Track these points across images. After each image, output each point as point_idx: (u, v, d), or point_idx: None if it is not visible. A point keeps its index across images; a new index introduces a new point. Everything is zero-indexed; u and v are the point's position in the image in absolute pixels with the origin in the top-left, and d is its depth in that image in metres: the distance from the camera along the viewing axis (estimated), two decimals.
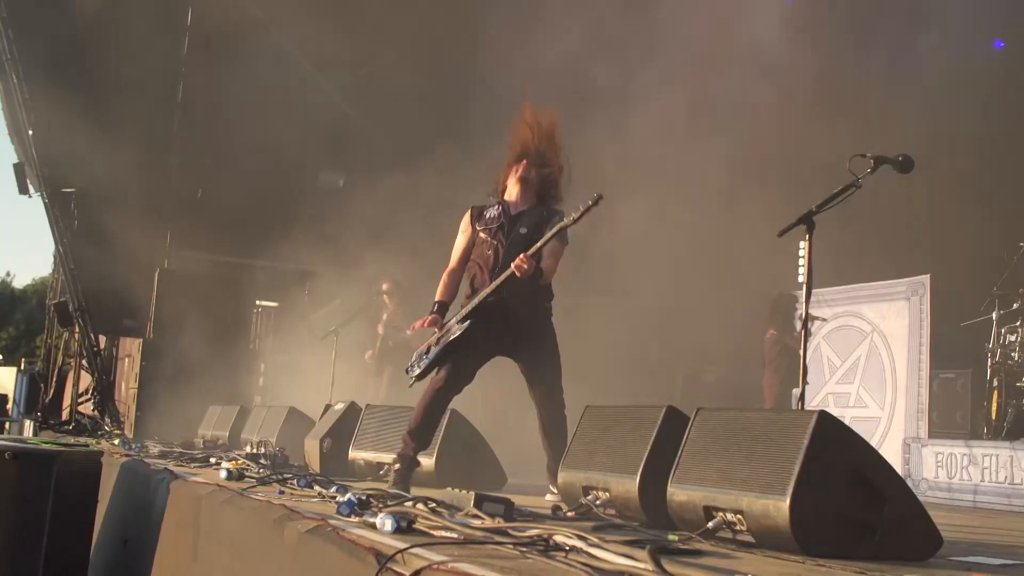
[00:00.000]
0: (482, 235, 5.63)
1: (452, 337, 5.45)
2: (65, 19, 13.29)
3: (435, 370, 5.55)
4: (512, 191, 5.66)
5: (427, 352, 5.60)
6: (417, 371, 5.62)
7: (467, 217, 5.77)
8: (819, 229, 4.68)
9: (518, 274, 5.20)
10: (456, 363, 5.49)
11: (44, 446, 6.00)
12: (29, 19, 13.39)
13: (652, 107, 10.70)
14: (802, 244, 4.82)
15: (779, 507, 3.13)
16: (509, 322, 5.50)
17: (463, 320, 5.46)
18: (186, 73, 14.17)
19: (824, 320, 10.09)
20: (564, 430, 5.57)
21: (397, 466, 5.47)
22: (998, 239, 10.05)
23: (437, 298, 5.70)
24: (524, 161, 5.62)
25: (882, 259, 10.28)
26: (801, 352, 4.56)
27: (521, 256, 5.19)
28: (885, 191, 8.96)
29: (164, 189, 14.32)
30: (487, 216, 5.66)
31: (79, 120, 12.57)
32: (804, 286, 4.71)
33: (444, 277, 5.76)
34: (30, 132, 13.45)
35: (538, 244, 5.26)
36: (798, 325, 9.40)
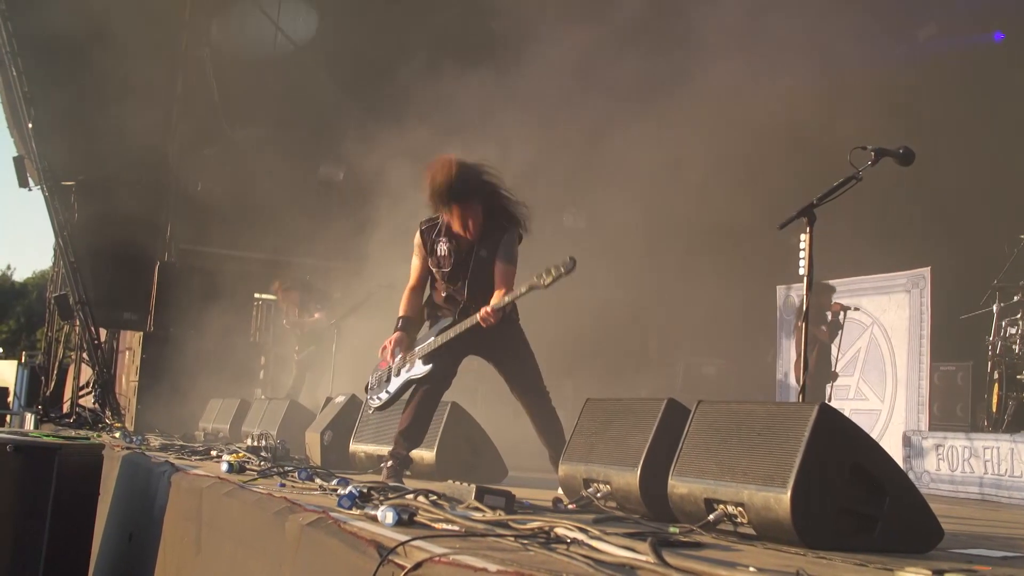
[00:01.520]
0: (436, 273, 5.62)
1: (414, 376, 5.50)
2: (64, 12, 13.27)
3: (398, 399, 5.60)
4: (456, 226, 5.50)
5: (387, 379, 5.64)
6: (377, 403, 5.70)
7: (417, 237, 5.70)
8: (820, 222, 4.68)
9: (483, 325, 5.22)
10: (428, 378, 5.50)
11: (45, 439, 6.00)
12: (28, 12, 13.37)
13: (651, 100, 10.69)
14: (803, 237, 4.82)
15: (780, 499, 3.13)
16: (476, 336, 5.49)
17: (426, 362, 5.48)
18: (185, 65, 14.15)
19: (855, 309, 9.88)
20: (560, 428, 5.61)
21: (390, 463, 5.50)
22: (998, 232, 10.05)
23: (401, 313, 5.68)
24: (455, 206, 5.41)
25: (883, 252, 10.28)
26: (803, 345, 4.56)
27: (486, 310, 5.19)
28: (886, 184, 8.95)
29: (164, 182, 14.31)
30: (439, 253, 5.57)
31: (79, 113, 12.56)
32: (805, 279, 4.71)
33: (406, 293, 5.74)
34: (30, 125, 13.43)
35: (506, 300, 5.22)
36: (829, 316, 9.39)
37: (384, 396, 5.65)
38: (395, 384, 5.58)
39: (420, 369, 5.48)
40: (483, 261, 5.45)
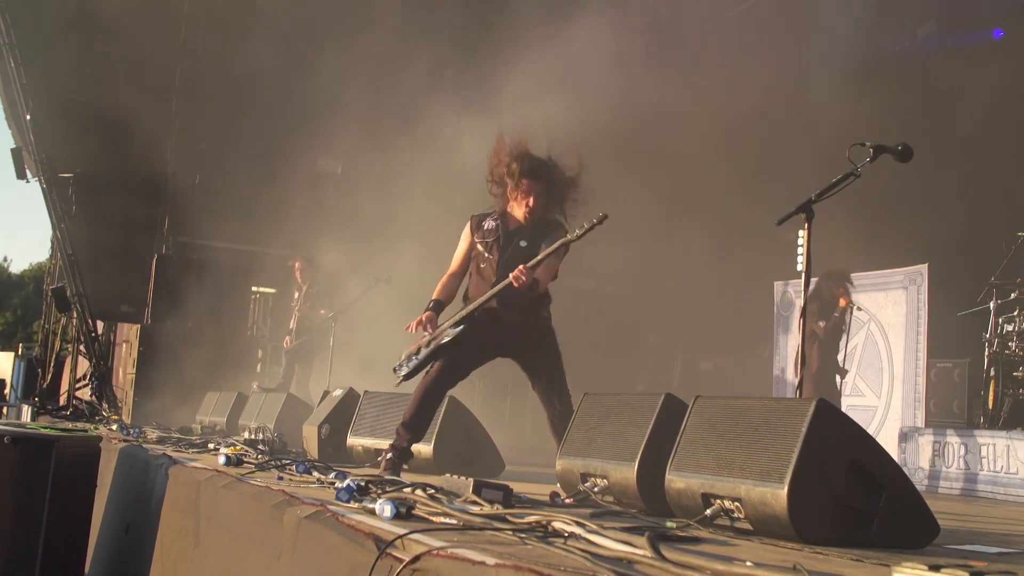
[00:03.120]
0: (479, 247, 5.66)
1: (444, 340, 5.51)
2: (62, 3, 13.25)
3: (424, 370, 5.62)
4: (513, 205, 5.62)
5: (417, 353, 5.65)
6: (405, 371, 5.69)
7: (467, 226, 5.79)
8: (818, 218, 4.69)
9: (515, 284, 5.24)
10: (450, 360, 5.55)
11: (43, 431, 6.00)
12: (26, 3, 13.35)
13: (651, 95, 10.69)
14: (801, 233, 4.83)
15: (777, 495, 3.13)
16: (503, 329, 5.55)
17: (456, 325, 5.51)
18: (184, 58, 14.14)
19: (858, 308, 9.65)
20: None
21: (389, 455, 5.51)
22: (996, 230, 10.06)
23: (434, 296, 5.74)
24: (526, 181, 5.52)
25: (880, 248, 10.29)
26: (800, 340, 4.57)
27: (520, 267, 5.22)
28: (884, 180, 8.97)
29: (162, 175, 14.30)
30: (485, 227, 5.68)
31: (77, 105, 12.54)
32: (803, 275, 4.72)
33: (444, 278, 5.81)
34: (28, 117, 13.41)
35: (538, 257, 5.29)
36: (835, 312, 9.32)
37: (412, 363, 5.65)
38: (424, 353, 5.60)
39: (449, 332, 5.50)
40: (521, 250, 5.47)
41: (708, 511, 3.42)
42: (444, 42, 10.53)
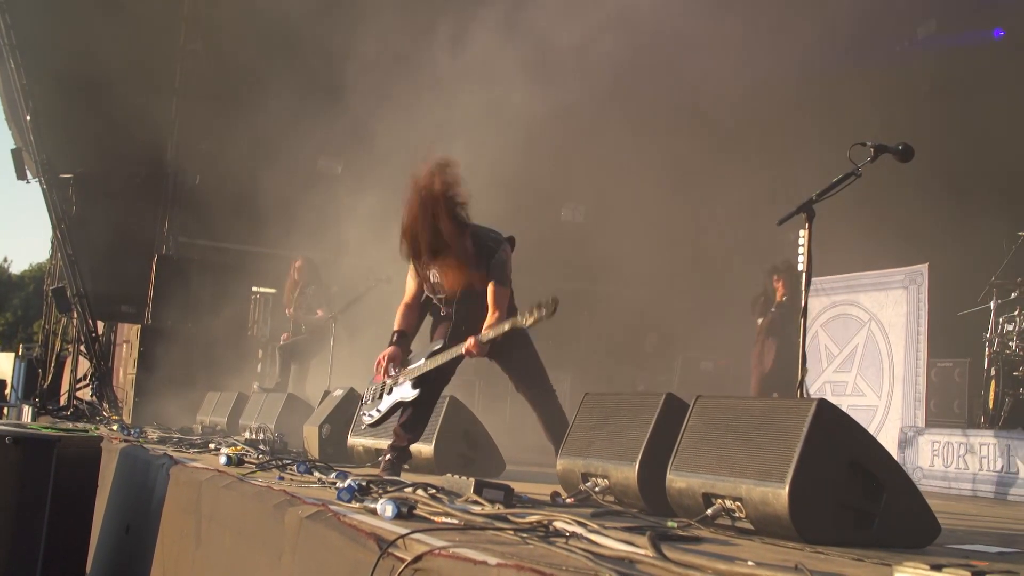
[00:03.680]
0: (429, 295, 5.63)
1: (404, 399, 5.52)
2: (63, 4, 13.24)
3: (387, 419, 5.65)
4: (437, 277, 5.49)
5: (380, 396, 5.68)
6: (370, 420, 5.74)
7: (410, 266, 5.63)
8: (819, 218, 4.70)
9: (467, 357, 5.27)
10: (415, 402, 5.54)
11: (44, 431, 6.00)
12: (26, 4, 13.34)
13: (650, 91, 10.68)
14: (802, 232, 4.83)
15: (778, 494, 3.14)
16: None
17: (415, 386, 5.49)
18: (184, 58, 14.14)
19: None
20: (566, 424, 5.60)
21: (388, 455, 5.52)
22: (997, 229, 10.06)
23: (396, 327, 5.67)
24: (428, 260, 5.33)
25: (881, 248, 10.28)
26: (800, 340, 4.57)
27: (471, 342, 5.19)
28: (885, 180, 8.97)
29: (162, 175, 14.30)
30: (432, 280, 5.54)
31: (77, 106, 12.54)
32: (804, 274, 4.72)
33: (401, 308, 5.72)
34: (28, 118, 13.41)
35: (491, 334, 5.19)
36: (772, 309, 9.36)
37: (375, 414, 5.71)
38: (386, 403, 5.62)
39: (409, 393, 5.51)
40: (475, 291, 5.43)
41: (709, 511, 3.42)
42: (446, 35, 10.52)
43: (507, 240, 5.53)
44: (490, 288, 5.38)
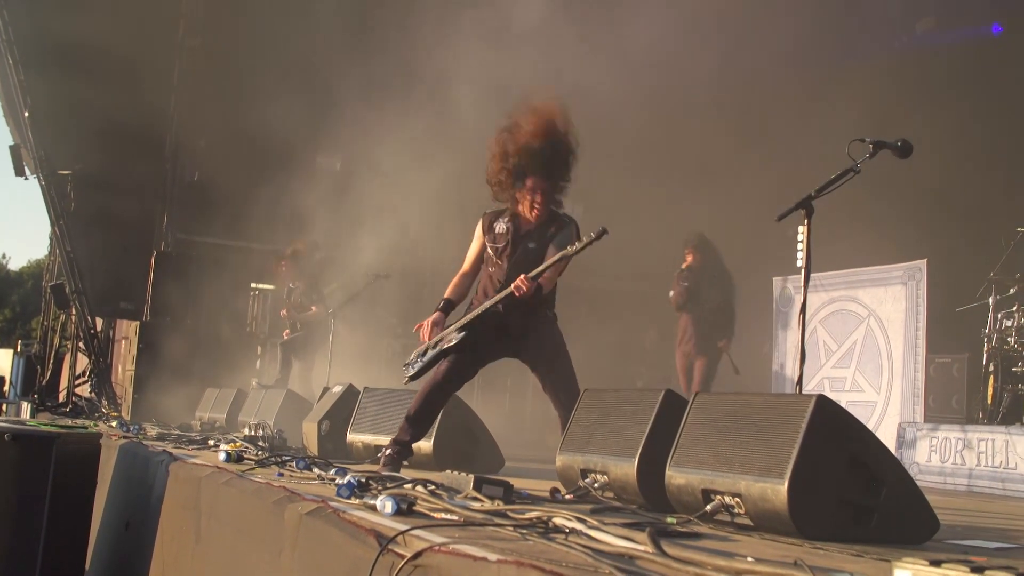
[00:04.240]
0: (489, 251, 5.65)
1: (448, 345, 5.50)
2: (60, 0, 13.22)
3: (429, 372, 5.62)
4: (522, 204, 5.56)
5: (424, 353, 5.65)
6: (412, 371, 5.69)
7: (480, 225, 5.76)
8: (817, 214, 4.70)
9: (516, 294, 5.23)
10: (455, 362, 5.56)
11: (43, 428, 6.00)
12: (24, 0, 13.33)
13: (649, 89, 10.67)
14: (801, 229, 4.83)
15: (777, 490, 3.14)
16: (508, 330, 5.55)
17: (460, 330, 5.51)
18: (182, 54, 14.12)
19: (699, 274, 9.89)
20: None
21: (390, 450, 5.52)
22: (995, 225, 10.07)
23: (445, 295, 5.73)
24: (530, 179, 5.45)
25: (879, 244, 10.29)
26: (800, 337, 4.57)
27: (521, 277, 5.21)
28: (884, 176, 8.96)
29: (160, 172, 14.29)
30: (496, 230, 5.64)
31: (75, 102, 12.53)
32: (803, 270, 4.73)
33: (456, 277, 5.80)
34: (26, 114, 13.40)
35: (539, 268, 5.26)
36: (684, 283, 9.47)
37: (418, 365, 5.65)
38: (430, 355, 5.59)
39: (454, 336, 5.50)
40: (530, 252, 5.46)
41: (708, 507, 3.42)
42: (450, 35, 10.51)
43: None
44: (551, 249, 5.37)
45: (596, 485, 4.24)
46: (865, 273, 10.09)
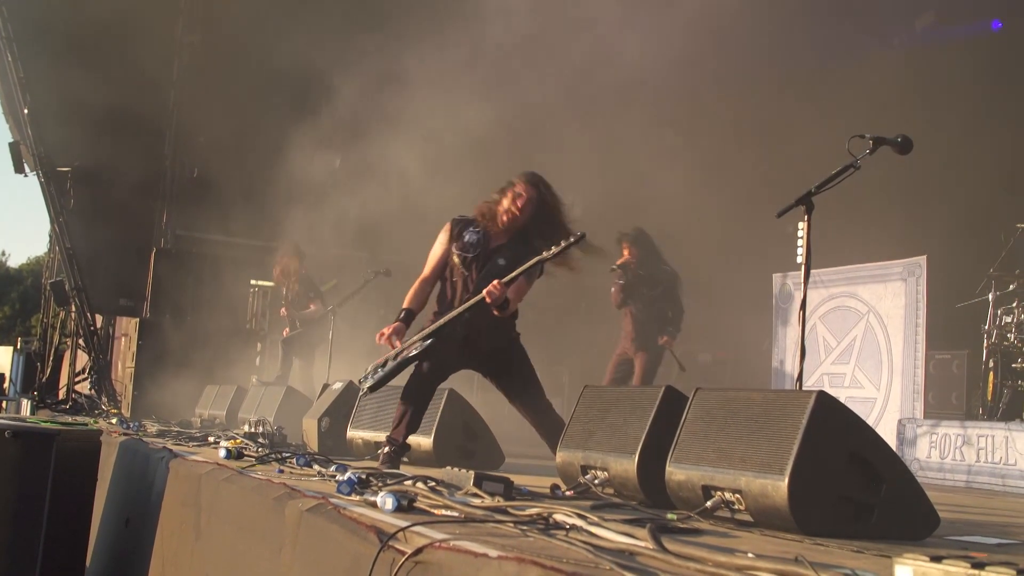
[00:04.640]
0: (456, 258, 5.53)
1: (411, 354, 5.40)
2: None
3: (387, 383, 5.54)
4: (499, 219, 5.48)
5: (383, 364, 5.53)
6: (369, 383, 5.55)
7: (446, 229, 5.64)
8: (818, 210, 4.69)
9: (488, 299, 5.14)
10: (422, 365, 5.47)
11: (43, 425, 6.01)
12: None
13: (649, 89, 10.67)
14: (801, 225, 4.83)
15: (777, 486, 3.14)
16: (473, 348, 5.50)
17: (425, 339, 5.40)
18: (181, 51, 14.10)
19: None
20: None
21: (387, 449, 5.50)
22: (995, 221, 10.06)
23: (405, 305, 5.59)
24: (519, 185, 5.47)
25: (879, 240, 10.29)
26: (800, 334, 4.57)
27: (495, 282, 5.14)
28: (884, 172, 8.96)
29: (160, 168, 14.27)
30: (466, 239, 5.53)
31: (75, 99, 12.52)
32: (803, 267, 4.72)
33: (415, 285, 5.65)
34: (26, 111, 13.39)
35: (513, 273, 5.18)
36: (620, 281, 9.44)
37: (378, 375, 5.51)
38: (391, 366, 5.48)
39: (419, 345, 5.39)
40: (499, 268, 5.37)
41: (709, 503, 3.43)
42: (444, 31, 10.49)
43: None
44: (519, 280, 5.28)
45: (596, 481, 4.24)
46: (865, 269, 10.09)
